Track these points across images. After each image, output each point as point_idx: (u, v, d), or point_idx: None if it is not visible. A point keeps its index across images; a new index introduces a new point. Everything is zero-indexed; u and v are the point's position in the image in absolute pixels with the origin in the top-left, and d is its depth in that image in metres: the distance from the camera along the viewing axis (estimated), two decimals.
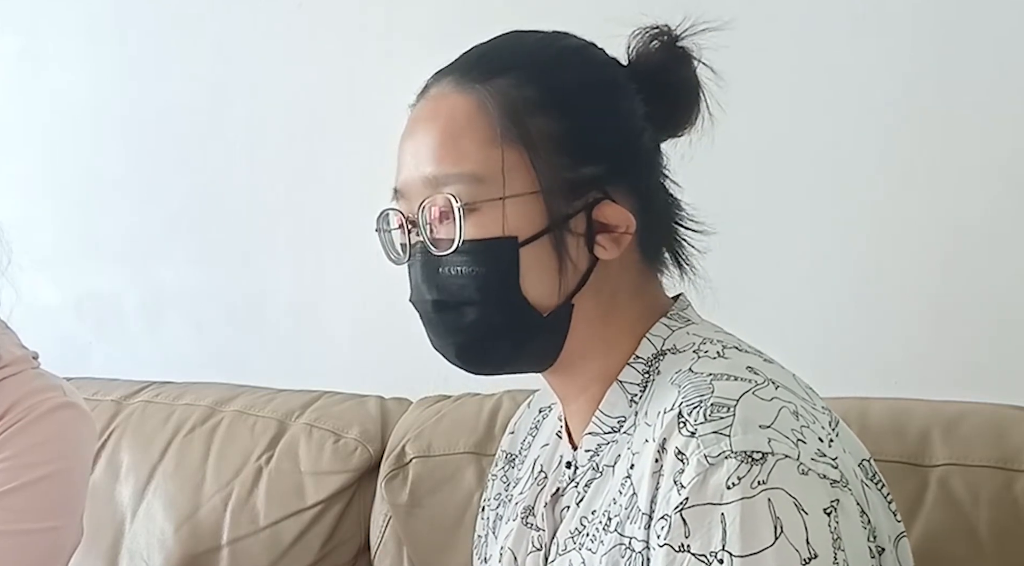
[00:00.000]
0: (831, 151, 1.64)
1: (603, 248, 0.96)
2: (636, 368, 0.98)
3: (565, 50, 1.01)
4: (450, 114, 0.97)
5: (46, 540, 1.36)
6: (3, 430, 1.35)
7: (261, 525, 1.65)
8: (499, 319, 0.96)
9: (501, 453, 1.20)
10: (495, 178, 0.94)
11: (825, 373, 0.97)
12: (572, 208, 0.95)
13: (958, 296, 1.58)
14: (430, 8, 1.92)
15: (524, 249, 0.94)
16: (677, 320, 1.00)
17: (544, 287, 0.95)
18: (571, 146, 0.95)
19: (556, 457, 1.06)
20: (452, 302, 0.97)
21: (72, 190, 2.26)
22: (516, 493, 1.11)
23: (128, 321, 2.23)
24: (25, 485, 1.34)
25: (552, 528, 1.02)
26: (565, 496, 1.01)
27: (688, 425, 0.86)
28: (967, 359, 1.57)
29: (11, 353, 1.42)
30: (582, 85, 0.98)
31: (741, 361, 0.93)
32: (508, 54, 1.00)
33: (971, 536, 1.28)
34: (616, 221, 0.96)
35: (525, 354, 0.99)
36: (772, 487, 0.82)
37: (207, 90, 2.14)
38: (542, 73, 0.97)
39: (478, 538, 1.20)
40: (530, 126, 0.94)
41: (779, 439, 0.84)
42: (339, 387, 1.80)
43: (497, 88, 0.96)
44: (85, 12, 2.24)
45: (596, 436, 0.99)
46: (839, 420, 0.95)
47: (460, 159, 0.95)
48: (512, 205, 0.94)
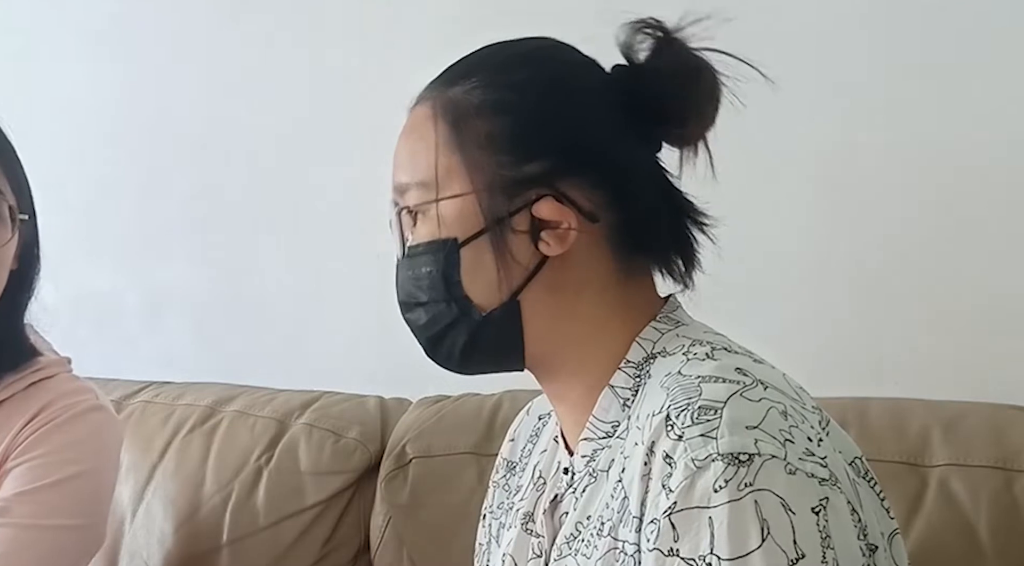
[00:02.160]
0: (831, 150, 1.64)
1: (547, 244, 0.96)
2: (627, 372, 0.98)
3: (526, 53, 1.02)
4: (412, 124, 1.01)
5: (76, 537, 1.38)
6: (38, 427, 1.38)
7: (261, 525, 1.66)
8: (445, 318, 0.99)
9: (502, 460, 1.20)
10: (433, 183, 0.98)
11: (825, 373, 0.97)
12: (513, 205, 0.96)
13: (958, 296, 1.58)
14: (430, 9, 1.92)
15: (464, 249, 0.97)
16: (667, 322, 1.00)
17: (484, 285, 0.97)
18: (512, 144, 0.96)
19: (554, 463, 1.07)
20: (410, 303, 1.01)
21: (72, 190, 2.26)
22: (517, 500, 1.11)
23: (128, 321, 2.23)
24: (60, 482, 1.36)
25: (551, 535, 1.02)
26: (563, 502, 1.02)
27: (676, 428, 0.86)
28: (967, 359, 1.57)
29: (47, 357, 1.46)
30: (532, 84, 0.99)
31: (730, 362, 0.92)
32: (474, 61, 1.02)
33: (971, 536, 1.28)
34: (556, 217, 0.96)
35: (483, 352, 1.00)
36: (759, 488, 0.82)
37: (207, 90, 2.14)
38: (494, 76, 0.99)
39: (479, 546, 1.20)
40: (470, 129, 0.97)
41: (766, 439, 0.84)
42: (339, 387, 1.80)
43: (449, 96, 0.99)
44: (85, 12, 2.25)
45: (591, 442, 0.99)
46: (829, 419, 0.95)
47: (412, 166, 1.00)
48: (447, 207, 0.97)
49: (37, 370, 1.43)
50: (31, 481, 1.35)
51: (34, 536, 1.34)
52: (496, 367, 1.03)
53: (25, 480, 1.36)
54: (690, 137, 1.01)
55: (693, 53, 0.98)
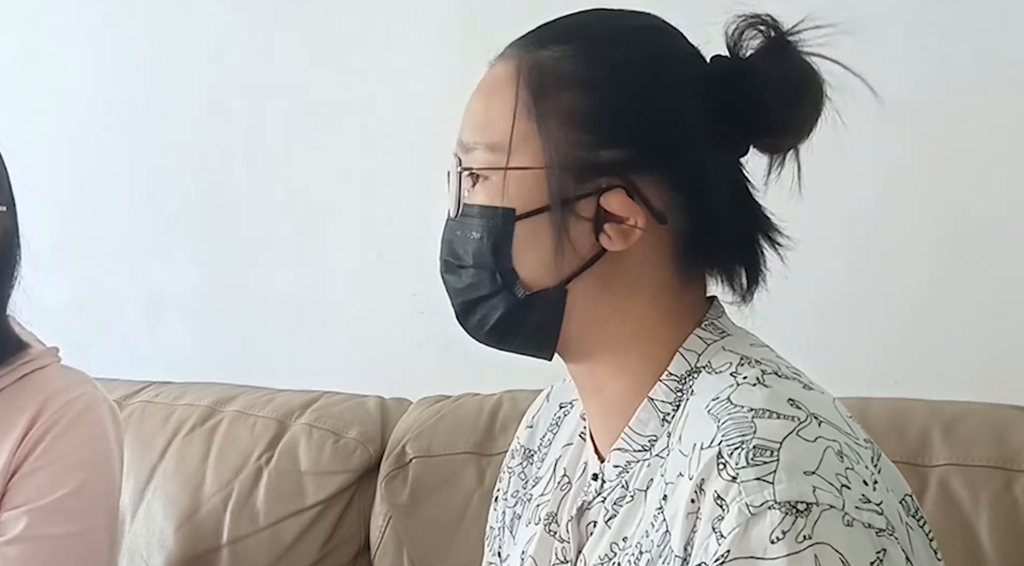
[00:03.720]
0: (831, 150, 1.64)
1: (608, 238, 0.91)
2: (668, 385, 0.94)
3: (627, 30, 0.96)
4: (491, 81, 0.95)
5: (106, 535, 1.41)
6: (46, 430, 1.39)
7: (261, 525, 1.66)
8: (487, 287, 0.94)
9: (519, 447, 1.15)
10: (505, 148, 0.92)
11: (825, 373, 0.96)
12: (582, 190, 0.91)
13: (958, 296, 1.58)
14: (430, 8, 1.92)
15: (521, 223, 0.92)
16: (712, 331, 0.95)
17: (535, 265, 0.93)
18: (594, 126, 0.91)
19: (580, 463, 1.03)
20: (452, 263, 0.96)
21: (72, 190, 2.26)
22: (536, 493, 1.08)
23: (128, 321, 2.23)
24: (80, 486, 1.38)
25: (578, 542, 0.99)
26: (592, 510, 0.98)
27: (729, 468, 0.82)
28: (967, 359, 1.57)
29: (36, 348, 1.46)
30: (626, 65, 0.93)
31: (782, 391, 0.88)
32: (570, 26, 0.96)
33: (971, 536, 1.28)
34: (623, 213, 0.91)
35: (516, 329, 0.95)
36: (818, 542, 0.79)
37: (207, 90, 2.14)
38: (588, 48, 0.93)
39: (490, 529, 1.16)
40: (553, 99, 0.92)
41: (824, 487, 0.81)
42: (339, 387, 1.80)
43: (537, 58, 0.93)
44: (85, 12, 2.24)
45: (625, 453, 0.95)
46: (880, 453, 0.91)
47: (485, 126, 0.94)
48: (514, 177, 0.92)
49: (28, 361, 1.43)
50: (52, 491, 1.36)
51: (70, 545, 1.36)
52: (524, 349, 0.98)
53: (45, 491, 1.36)
54: (783, 146, 0.96)
55: (806, 60, 0.93)
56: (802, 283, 1.67)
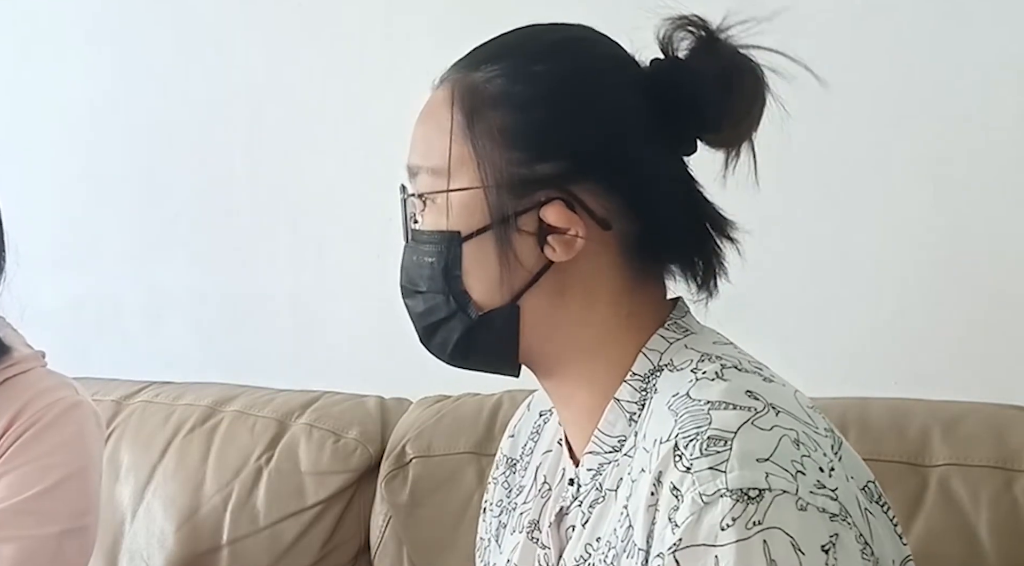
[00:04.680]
0: (830, 150, 1.64)
1: (553, 250, 0.93)
2: (633, 385, 0.95)
3: (551, 43, 0.97)
4: (430, 107, 0.98)
5: (76, 540, 1.38)
6: (23, 431, 1.37)
7: (261, 525, 1.66)
8: (442, 310, 0.96)
9: (502, 457, 1.17)
10: (444, 171, 0.94)
11: (825, 373, 0.96)
12: (521, 206, 0.92)
13: (958, 296, 1.58)
14: (430, 7, 1.92)
15: (467, 244, 0.94)
16: (675, 330, 0.96)
17: (485, 284, 0.94)
18: (527, 141, 0.92)
19: (559, 470, 1.04)
20: (410, 289, 0.99)
21: (72, 190, 2.26)
22: (520, 502, 1.09)
23: (128, 321, 2.23)
24: (52, 487, 1.35)
25: (558, 547, 0.99)
26: (570, 515, 0.99)
27: (684, 459, 0.84)
28: (967, 359, 1.57)
29: (20, 351, 1.44)
30: (554, 78, 0.94)
31: (740, 384, 0.89)
32: (500, 46, 0.98)
33: (971, 536, 1.28)
34: (563, 224, 0.92)
35: (476, 349, 0.97)
36: (768, 527, 0.80)
37: (207, 90, 2.14)
38: (515, 66, 0.95)
39: (480, 540, 1.18)
40: (484, 120, 0.93)
41: (777, 472, 0.82)
42: (339, 387, 1.81)
43: (469, 81, 0.95)
44: (85, 12, 2.24)
45: (597, 455, 0.96)
46: (842, 441, 0.92)
47: (426, 151, 0.96)
48: (456, 199, 0.94)
49: (11, 365, 1.41)
50: (22, 490, 1.34)
51: (37, 546, 1.34)
52: (488, 368, 1.00)
53: (16, 490, 1.34)
54: (730, 141, 0.97)
55: (739, 52, 0.94)
56: (802, 283, 1.67)
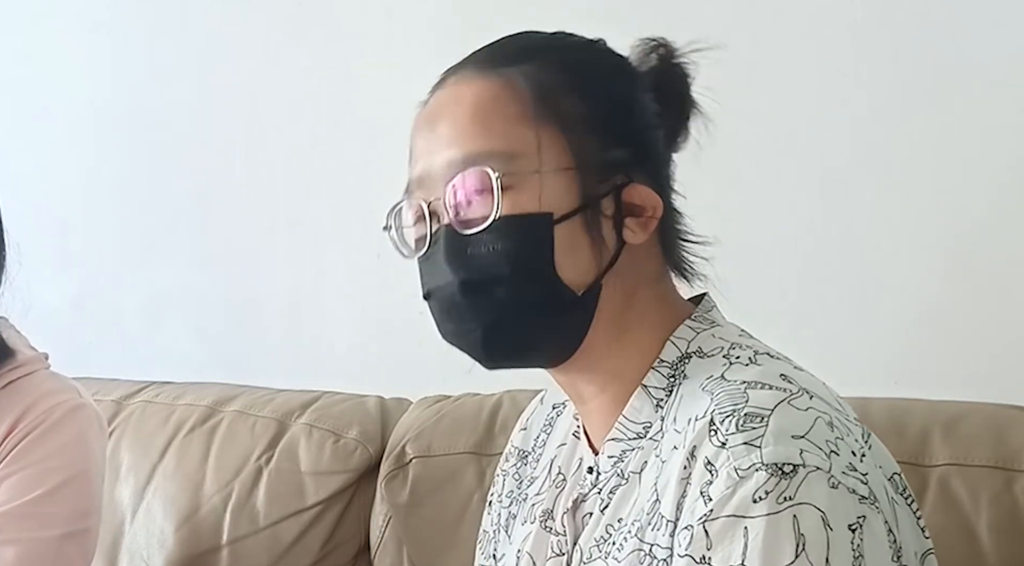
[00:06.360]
0: (830, 151, 1.64)
1: (631, 232, 0.95)
2: (661, 372, 0.96)
3: (581, 41, 1.02)
4: (476, 97, 0.96)
5: (78, 543, 1.37)
6: (25, 434, 1.37)
7: (261, 525, 1.66)
8: (532, 297, 0.94)
9: (513, 449, 1.17)
10: (530, 154, 0.93)
11: (825, 373, 0.96)
12: (603, 189, 0.94)
13: (958, 296, 1.58)
14: (430, 8, 1.92)
15: (559, 227, 0.93)
16: (702, 322, 0.98)
17: (578, 266, 0.94)
18: (599, 128, 0.95)
19: (575, 460, 1.05)
20: (482, 280, 0.94)
21: (72, 190, 2.26)
22: (532, 493, 1.09)
23: (128, 321, 2.23)
24: (54, 490, 1.35)
25: (574, 534, 1.00)
26: (587, 502, 1.00)
27: (719, 435, 0.85)
28: (967, 359, 1.57)
29: (24, 354, 1.44)
30: (605, 71, 0.98)
31: (774, 368, 0.91)
32: (528, 44, 1.00)
33: (971, 536, 1.28)
34: (645, 203, 0.95)
35: (551, 338, 0.96)
36: (799, 502, 0.81)
37: (206, 90, 2.14)
38: (565, 58, 0.98)
39: (483, 533, 1.18)
40: (561, 105, 0.95)
41: (812, 450, 0.83)
42: (339, 387, 1.80)
43: (525, 71, 0.96)
44: (85, 12, 2.25)
45: (620, 442, 0.97)
46: (871, 433, 0.93)
47: (491, 137, 0.94)
48: (548, 180, 0.93)
49: (14, 368, 1.41)
50: (24, 494, 1.34)
51: (38, 549, 1.33)
52: (544, 359, 0.99)
53: (18, 493, 1.34)
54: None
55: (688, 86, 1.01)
56: (802, 283, 1.67)
